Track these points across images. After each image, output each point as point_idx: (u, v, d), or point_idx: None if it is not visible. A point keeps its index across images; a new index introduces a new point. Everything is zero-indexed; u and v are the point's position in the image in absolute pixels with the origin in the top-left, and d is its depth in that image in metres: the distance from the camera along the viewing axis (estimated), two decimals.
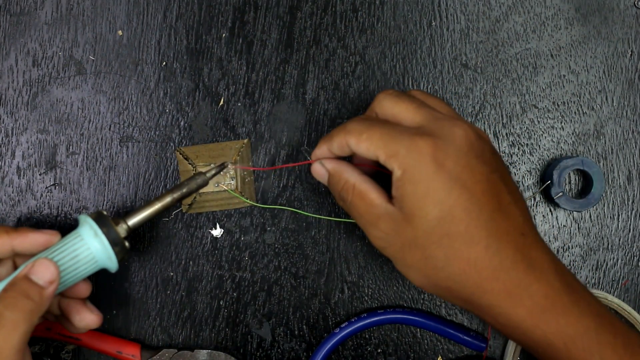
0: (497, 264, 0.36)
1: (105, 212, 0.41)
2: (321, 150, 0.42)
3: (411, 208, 0.37)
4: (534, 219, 0.51)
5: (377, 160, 0.38)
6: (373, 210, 0.38)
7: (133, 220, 0.41)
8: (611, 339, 0.37)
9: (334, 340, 0.49)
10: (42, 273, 0.38)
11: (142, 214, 0.42)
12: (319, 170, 0.42)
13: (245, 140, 0.49)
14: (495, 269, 0.36)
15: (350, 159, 0.45)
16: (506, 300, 0.37)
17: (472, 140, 0.38)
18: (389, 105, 0.40)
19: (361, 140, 0.38)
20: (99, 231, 0.39)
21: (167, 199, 0.42)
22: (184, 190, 0.42)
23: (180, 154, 0.49)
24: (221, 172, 0.45)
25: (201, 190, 0.46)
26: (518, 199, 0.39)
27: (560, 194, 0.49)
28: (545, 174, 0.50)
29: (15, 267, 0.42)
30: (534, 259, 0.37)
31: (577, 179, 0.51)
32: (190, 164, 0.48)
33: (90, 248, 0.39)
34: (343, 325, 0.49)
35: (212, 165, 0.47)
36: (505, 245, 0.37)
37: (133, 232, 0.42)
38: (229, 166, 0.47)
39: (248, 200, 0.48)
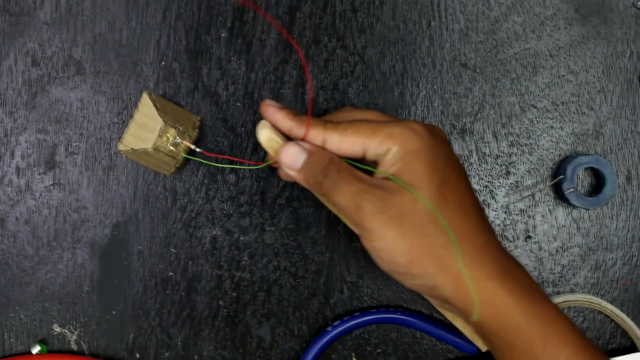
0: (486, 239, 0.39)
1: None
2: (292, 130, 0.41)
3: (411, 178, 0.38)
4: (533, 219, 0.51)
5: (356, 157, 0.39)
6: (360, 184, 0.38)
7: None
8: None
9: (326, 338, 0.49)
10: None
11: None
12: (295, 150, 0.40)
13: (199, 118, 0.48)
14: (485, 243, 0.39)
15: None
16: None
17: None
18: (347, 114, 0.42)
19: (346, 135, 0.39)
20: None
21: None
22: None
23: (150, 98, 0.46)
24: (159, 134, 0.45)
25: (148, 146, 0.45)
26: None
27: (572, 189, 0.49)
28: (559, 170, 0.50)
29: None
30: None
31: (589, 178, 0.51)
32: (158, 111, 0.45)
33: None
34: (335, 323, 0.49)
35: (178, 128, 0.46)
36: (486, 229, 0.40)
37: None
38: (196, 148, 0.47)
39: (176, 165, 0.47)
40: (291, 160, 0.39)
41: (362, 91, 0.50)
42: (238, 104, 0.50)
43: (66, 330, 0.49)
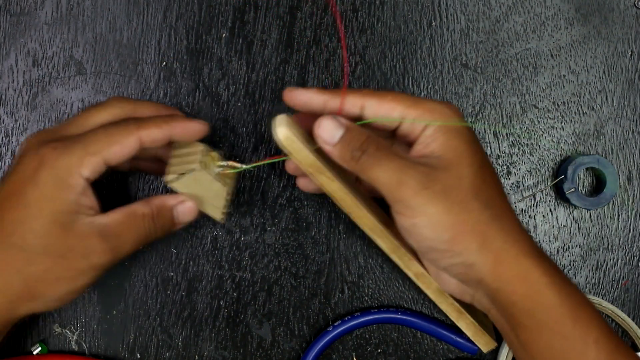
0: (519, 221, 0.40)
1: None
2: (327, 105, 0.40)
3: (455, 155, 0.38)
4: (534, 219, 0.51)
5: (390, 127, 0.39)
6: (403, 160, 0.38)
7: None
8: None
9: (326, 339, 0.49)
10: (185, 215, 0.43)
11: None
12: (333, 125, 0.39)
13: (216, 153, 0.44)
14: (519, 224, 0.40)
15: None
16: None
17: None
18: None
19: (385, 102, 0.39)
20: None
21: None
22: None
23: None
24: (202, 155, 0.42)
25: (194, 165, 0.41)
26: None
27: (573, 189, 0.49)
28: (560, 170, 0.50)
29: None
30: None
31: (590, 178, 0.51)
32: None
33: None
34: (336, 323, 0.49)
35: (219, 153, 0.43)
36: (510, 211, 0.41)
37: None
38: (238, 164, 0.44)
39: (227, 197, 0.44)
40: (328, 134, 0.39)
41: None
42: (239, 104, 0.50)
43: (67, 331, 0.49)
